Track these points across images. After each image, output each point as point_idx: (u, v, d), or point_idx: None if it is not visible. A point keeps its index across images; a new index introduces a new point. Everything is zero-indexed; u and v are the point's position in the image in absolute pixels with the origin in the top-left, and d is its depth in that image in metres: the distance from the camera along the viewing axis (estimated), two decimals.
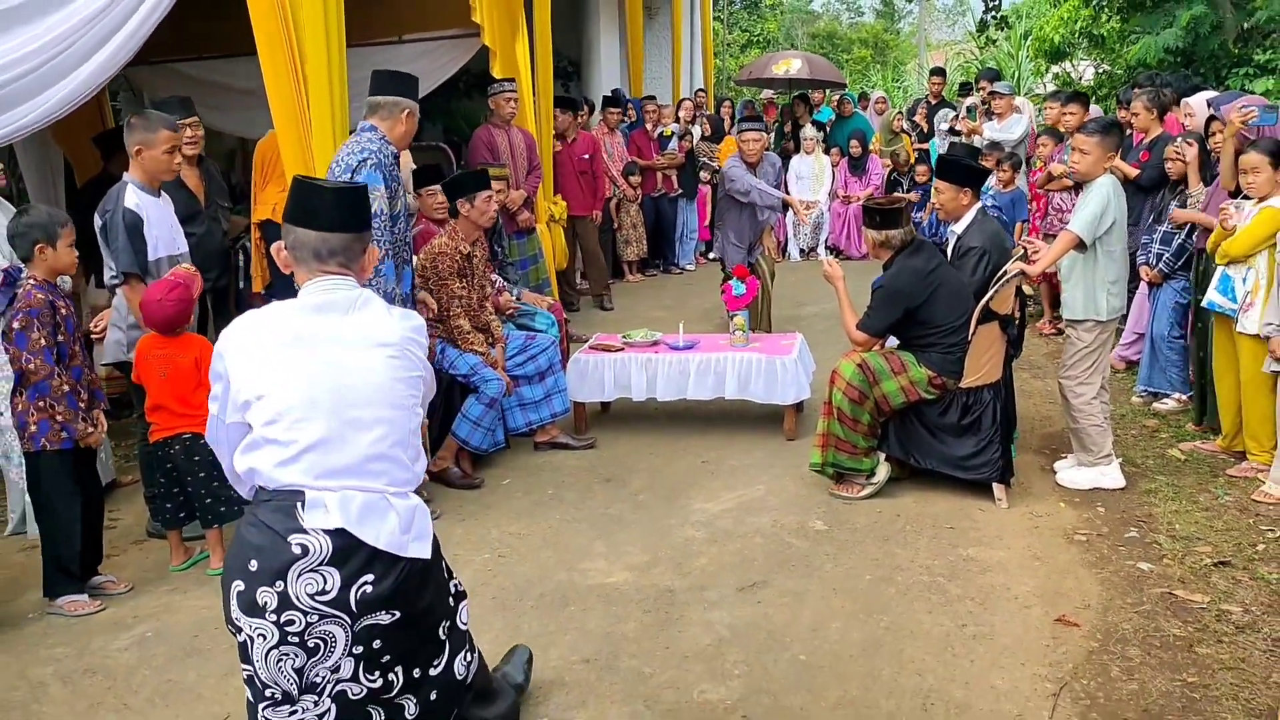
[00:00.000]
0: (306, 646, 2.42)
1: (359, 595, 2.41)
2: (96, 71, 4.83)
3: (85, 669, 3.65)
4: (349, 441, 2.45)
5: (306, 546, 2.37)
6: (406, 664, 2.60)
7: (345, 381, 2.47)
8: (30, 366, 3.91)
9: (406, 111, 4.56)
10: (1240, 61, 10.31)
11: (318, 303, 2.53)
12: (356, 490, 2.43)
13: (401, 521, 2.48)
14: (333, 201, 2.58)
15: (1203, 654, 3.47)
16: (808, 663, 3.50)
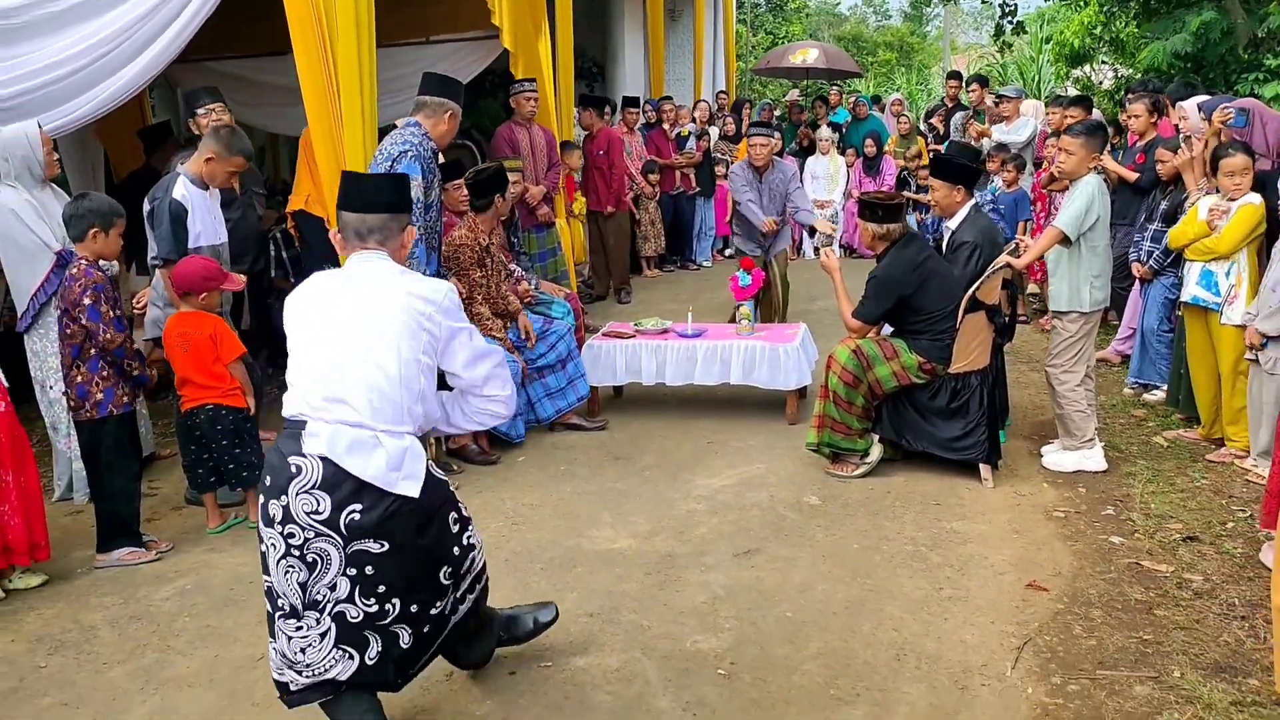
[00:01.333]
0: (306, 561, 2.74)
1: (348, 521, 2.71)
2: (144, 69, 5.19)
3: (131, 615, 3.99)
4: (348, 375, 2.76)
5: (301, 468, 2.71)
6: (404, 598, 2.85)
7: (360, 330, 2.79)
8: (108, 336, 4.28)
9: (449, 113, 4.99)
10: (1250, 66, 10.48)
11: (351, 270, 2.92)
12: (348, 426, 2.74)
13: (390, 459, 2.75)
14: (369, 187, 3.03)
15: (1160, 615, 3.74)
16: (794, 619, 3.80)
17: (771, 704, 3.27)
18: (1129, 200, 6.72)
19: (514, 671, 3.50)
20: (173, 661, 3.64)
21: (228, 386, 4.67)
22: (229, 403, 4.67)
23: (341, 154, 5.30)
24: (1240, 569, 4.08)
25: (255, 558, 4.36)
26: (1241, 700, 3.18)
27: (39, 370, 4.94)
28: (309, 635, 2.81)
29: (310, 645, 2.82)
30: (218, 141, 4.86)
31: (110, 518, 4.43)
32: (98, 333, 4.26)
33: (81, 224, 4.34)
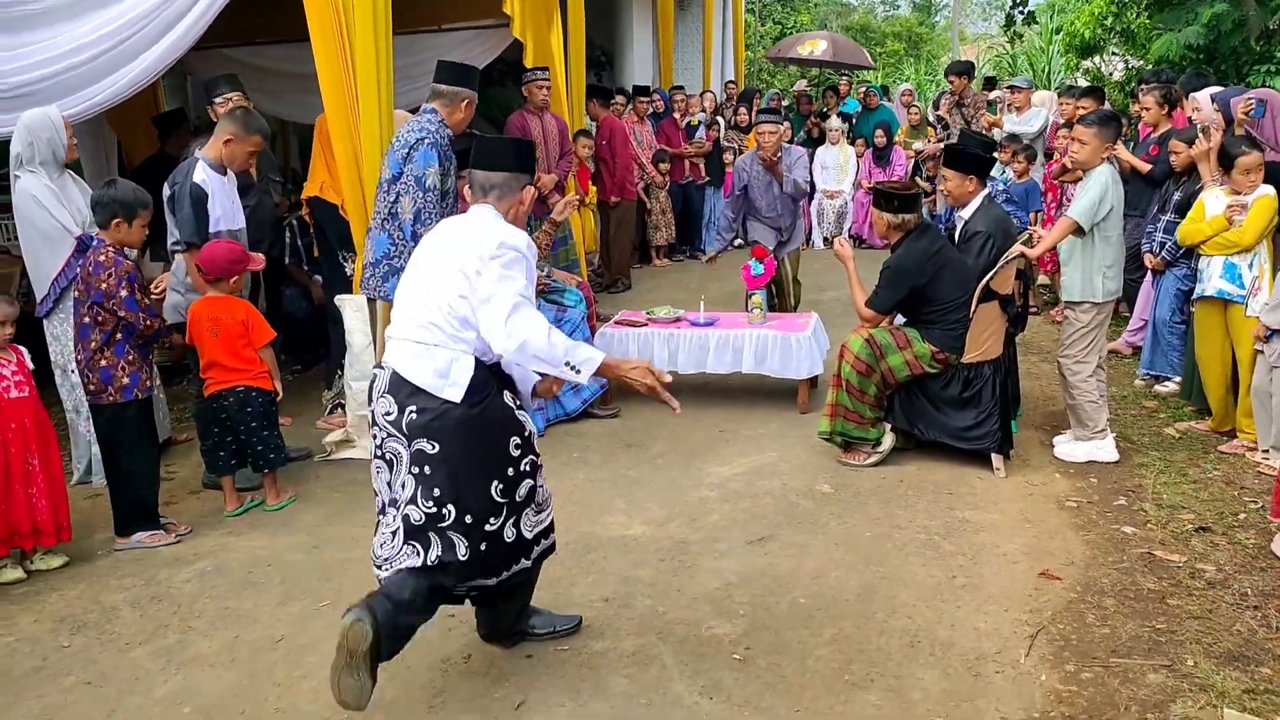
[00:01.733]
0: (385, 459, 3.17)
1: (408, 420, 3.09)
2: (162, 56, 5.22)
3: (152, 597, 4.03)
4: (417, 307, 3.16)
5: (378, 376, 3.20)
6: (458, 506, 3.11)
7: (435, 266, 3.17)
8: (148, 324, 4.35)
9: (466, 101, 5.00)
10: (1262, 58, 10.47)
11: (461, 219, 3.34)
12: (410, 341, 3.14)
13: (439, 369, 3.10)
14: (497, 148, 3.39)
15: (1173, 605, 3.77)
16: (807, 605, 3.83)
17: (787, 688, 3.30)
18: (1141, 191, 6.72)
19: (531, 655, 3.53)
20: (194, 642, 3.68)
21: (258, 370, 4.72)
22: (259, 385, 4.72)
23: (358, 141, 5.32)
24: (1253, 559, 4.11)
25: (272, 541, 4.47)
26: (1254, 688, 3.21)
27: (59, 355, 4.98)
28: (385, 532, 3.19)
29: (385, 541, 3.19)
30: (234, 122, 4.89)
31: (131, 502, 4.47)
32: (137, 323, 4.31)
33: (106, 212, 4.37)
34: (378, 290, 4.98)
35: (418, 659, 3.51)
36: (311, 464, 5.44)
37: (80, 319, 4.39)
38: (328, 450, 5.53)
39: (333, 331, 6.10)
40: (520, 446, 3.25)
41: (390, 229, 4.92)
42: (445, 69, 5.04)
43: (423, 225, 4.82)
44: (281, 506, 4.85)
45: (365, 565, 4.19)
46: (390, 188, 4.90)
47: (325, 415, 5.97)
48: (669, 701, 3.25)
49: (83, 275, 4.37)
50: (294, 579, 4.15)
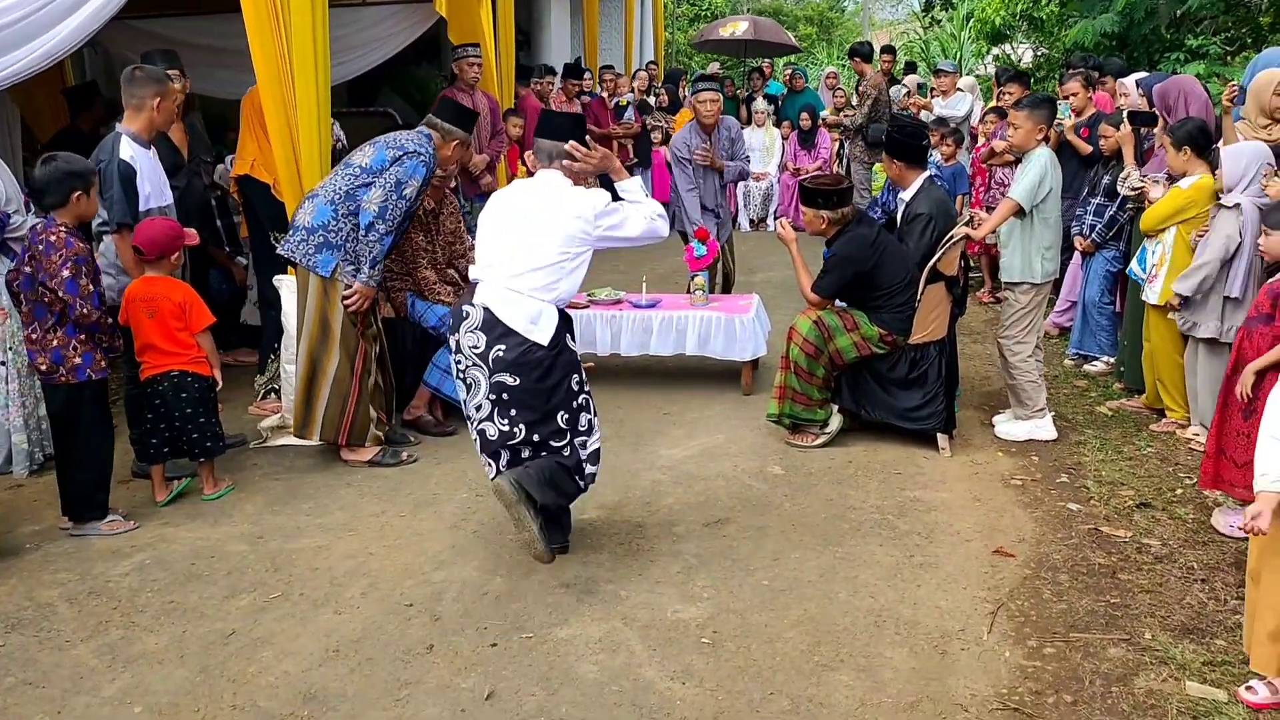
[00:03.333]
0: (466, 383, 3.79)
1: (494, 356, 3.68)
2: (83, 25, 4.94)
3: (90, 591, 3.84)
4: (514, 260, 3.72)
5: (469, 313, 3.74)
6: (529, 426, 3.74)
7: (521, 224, 3.75)
8: (84, 311, 4.09)
9: (457, 141, 5.07)
10: (1172, 46, 10.79)
11: (539, 181, 3.86)
12: (507, 289, 3.71)
13: (529, 314, 3.70)
14: (562, 121, 4.00)
15: (1124, 579, 3.85)
16: (770, 587, 3.82)
17: (758, 671, 3.29)
18: (1073, 173, 6.86)
19: (495, 643, 3.46)
20: (139, 638, 3.52)
21: (194, 354, 4.53)
22: (195, 370, 4.53)
23: (294, 117, 5.12)
24: (1194, 534, 4.23)
25: (213, 531, 4.31)
26: (1212, 660, 3.30)
27: None
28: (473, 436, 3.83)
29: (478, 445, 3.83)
30: (149, 82, 4.64)
31: (85, 486, 4.26)
32: (74, 306, 4.07)
33: (61, 189, 4.11)
34: (308, 259, 4.80)
35: (379, 651, 3.43)
36: (247, 451, 5.26)
37: (33, 299, 4.14)
38: (263, 436, 5.36)
39: (266, 314, 5.91)
40: (579, 384, 3.86)
41: (339, 205, 4.77)
42: (447, 107, 5.15)
43: (383, 222, 4.76)
44: (219, 495, 4.67)
45: (314, 554, 4.10)
46: (363, 174, 4.81)
47: (258, 401, 5.78)
48: (641, 688, 3.22)
49: (32, 254, 4.12)
50: (240, 570, 4.00)
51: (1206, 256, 4.81)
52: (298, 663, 3.36)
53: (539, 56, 12.59)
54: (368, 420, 4.98)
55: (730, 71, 15.43)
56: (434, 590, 3.82)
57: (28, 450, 4.92)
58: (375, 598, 3.77)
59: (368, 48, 8.25)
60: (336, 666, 3.34)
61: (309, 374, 4.89)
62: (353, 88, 9.96)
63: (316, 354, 4.87)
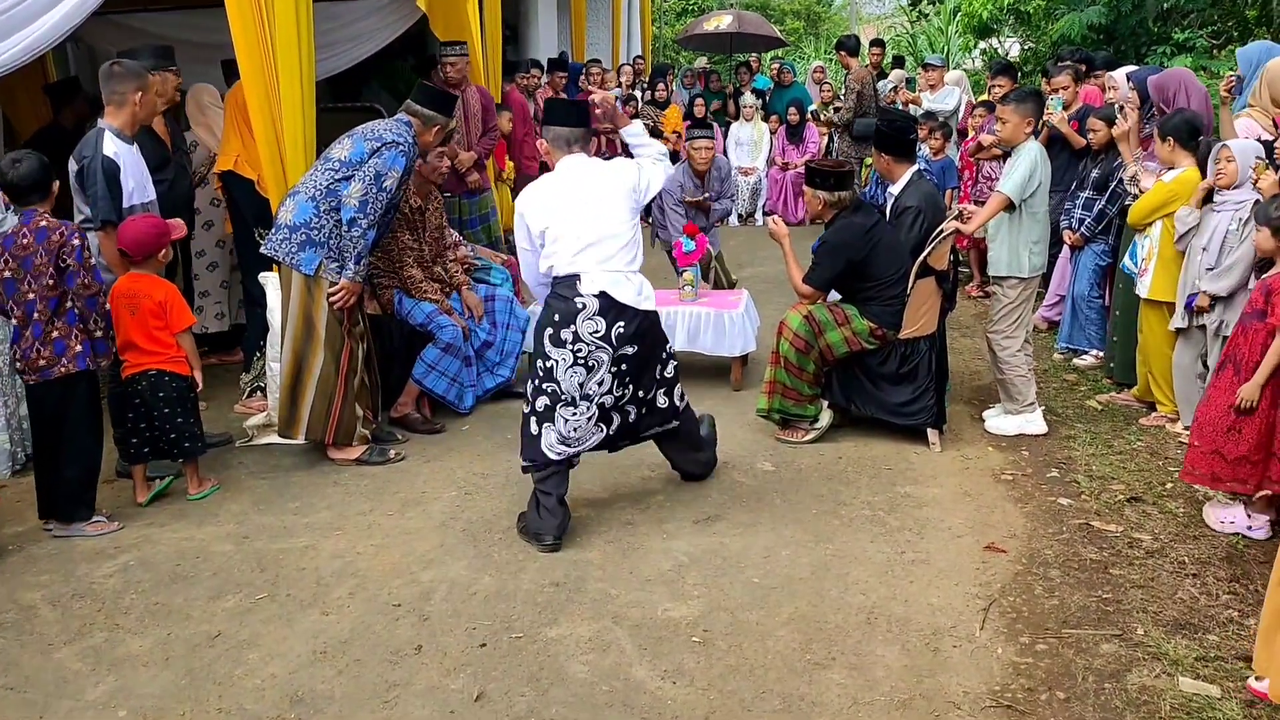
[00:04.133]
0: (587, 366, 4.02)
1: (616, 334, 4.02)
2: (64, 19, 4.86)
3: (73, 593, 3.80)
4: (605, 243, 4.03)
5: (585, 304, 3.99)
6: (635, 385, 4.18)
7: (593, 205, 4.06)
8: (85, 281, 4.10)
9: (437, 127, 5.04)
10: (1159, 39, 10.80)
11: (573, 167, 4.15)
12: (611, 271, 4.02)
13: (636, 289, 4.07)
14: (570, 109, 4.30)
15: (1116, 574, 3.84)
16: (761, 584, 3.80)
17: (750, 670, 3.27)
18: (1062, 167, 6.84)
19: (484, 643, 3.43)
20: (123, 640, 3.48)
21: (173, 353, 4.48)
22: (173, 369, 4.48)
23: (278, 112, 5.07)
24: (1185, 528, 4.22)
25: (198, 532, 4.26)
26: (1205, 655, 3.29)
27: None
28: (580, 418, 4.06)
29: (580, 424, 4.07)
30: (129, 77, 4.58)
31: (73, 483, 4.21)
32: (77, 273, 4.04)
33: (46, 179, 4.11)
34: (290, 256, 4.75)
35: (367, 652, 3.39)
36: (233, 450, 5.21)
37: (21, 295, 4.08)
38: (249, 435, 5.31)
39: (251, 312, 5.86)
40: (668, 342, 4.38)
41: (320, 201, 4.72)
42: (425, 92, 5.07)
43: (364, 216, 4.70)
44: (204, 495, 4.63)
45: (301, 554, 4.06)
46: (342, 168, 4.75)
47: (244, 399, 5.72)
48: (632, 687, 3.19)
49: (14, 251, 4.06)
50: (226, 571, 3.96)
51: (1240, 254, 4.68)
52: (285, 664, 3.33)
53: (526, 51, 12.51)
54: (354, 419, 4.93)
55: (718, 66, 15.38)
56: (422, 590, 3.78)
57: (9, 450, 4.87)
58: (363, 598, 3.74)
59: (352, 43, 8.17)
60: (324, 668, 3.31)
61: (293, 373, 4.84)
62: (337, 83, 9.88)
63: (301, 353, 4.82)
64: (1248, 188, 4.72)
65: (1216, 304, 4.80)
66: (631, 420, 4.25)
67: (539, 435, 4.09)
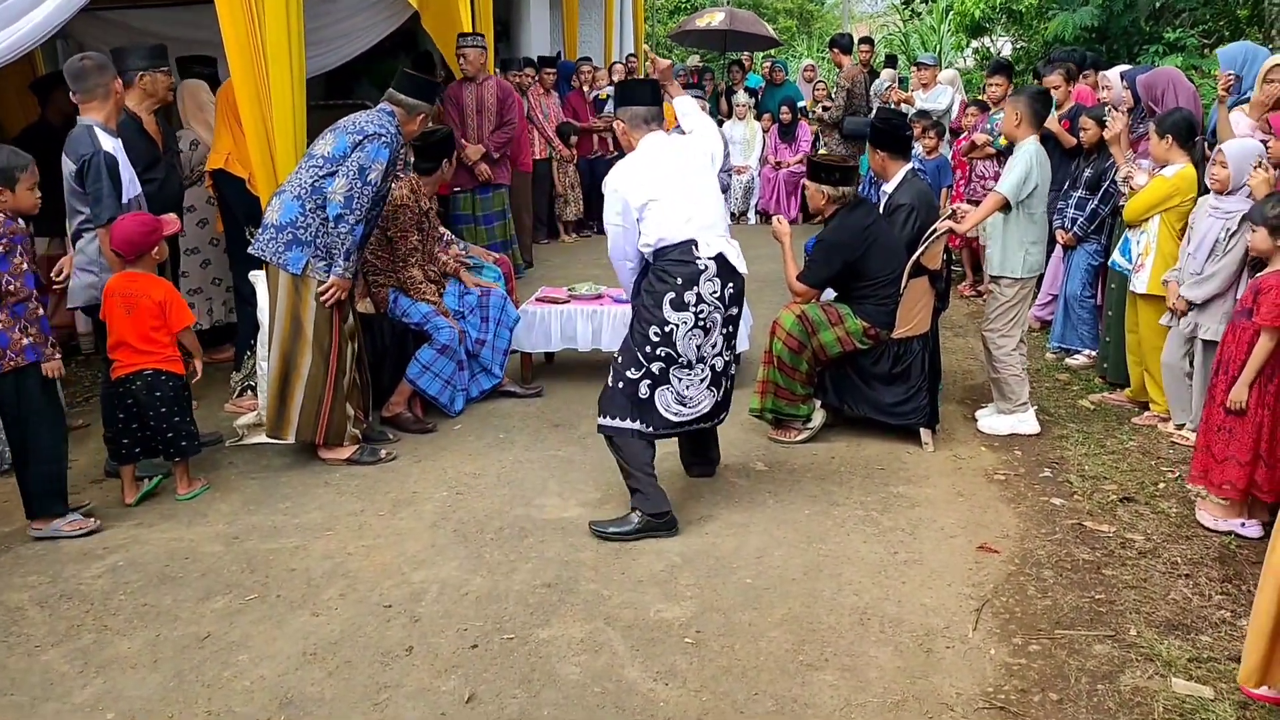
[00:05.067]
0: (705, 328, 4.10)
1: (728, 293, 4.15)
2: (51, 16, 4.84)
3: (61, 594, 3.77)
4: (706, 209, 4.16)
5: (706, 266, 4.08)
6: (728, 345, 4.27)
7: (694, 177, 4.21)
8: (11, 288, 3.95)
9: (422, 115, 4.96)
10: (1151, 39, 10.80)
11: (657, 144, 4.25)
12: (719, 236, 4.17)
13: (738, 252, 4.20)
14: (645, 88, 4.40)
15: (1109, 575, 3.83)
16: (754, 585, 3.78)
17: (742, 671, 3.25)
18: (1055, 167, 6.82)
19: (476, 645, 3.41)
20: (111, 642, 3.45)
21: (168, 353, 4.45)
22: (169, 369, 4.45)
23: (268, 111, 5.05)
24: (1178, 528, 4.21)
25: (187, 532, 4.23)
26: (1198, 657, 3.28)
27: None
28: (694, 379, 4.14)
29: (694, 386, 4.15)
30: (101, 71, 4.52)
31: (42, 479, 4.17)
32: (3, 281, 3.94)
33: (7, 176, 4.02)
34: (278, 256, 4.72)
35: (357, 653, 3.37)
36: (223, 449, 5.18)
37: None
38: (239, 435, 5.27)
39: (241, 311, 5.82)
40: None
41: (306, 200, 4.68)
42: (407, 80, 4.95)
43: (350, 212, 4.65)
44: (193, 495, 4.60)
45: (291, 555, 4.03)
46: (326, 164, 4.69)
47: (234, 398, 5.70)
48: (623, 689, 3.17)
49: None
50: (215, 572, 3.93)
51: (1223, 264, 4.67)
52: (274, 666, 3.30)
53: (518, 48, 12.48)
54: (344, 420, 4.90)
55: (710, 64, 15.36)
56: (413, 591, 3.76)
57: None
58: (353, 599, 3.71)
59: (344, 40, 8.13)
60: (314, 670, 3.28)
61: (282, 373, 4.81)
62: (330, 80, 9.85)
63: (289, 353, 4.79)
64: (1240, 196, 4.69)
65: (1192, 308, 4.79)
66: (728, 387, 4.34)
67: (651, 399, 4.10)
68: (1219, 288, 4.71)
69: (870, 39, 12.26)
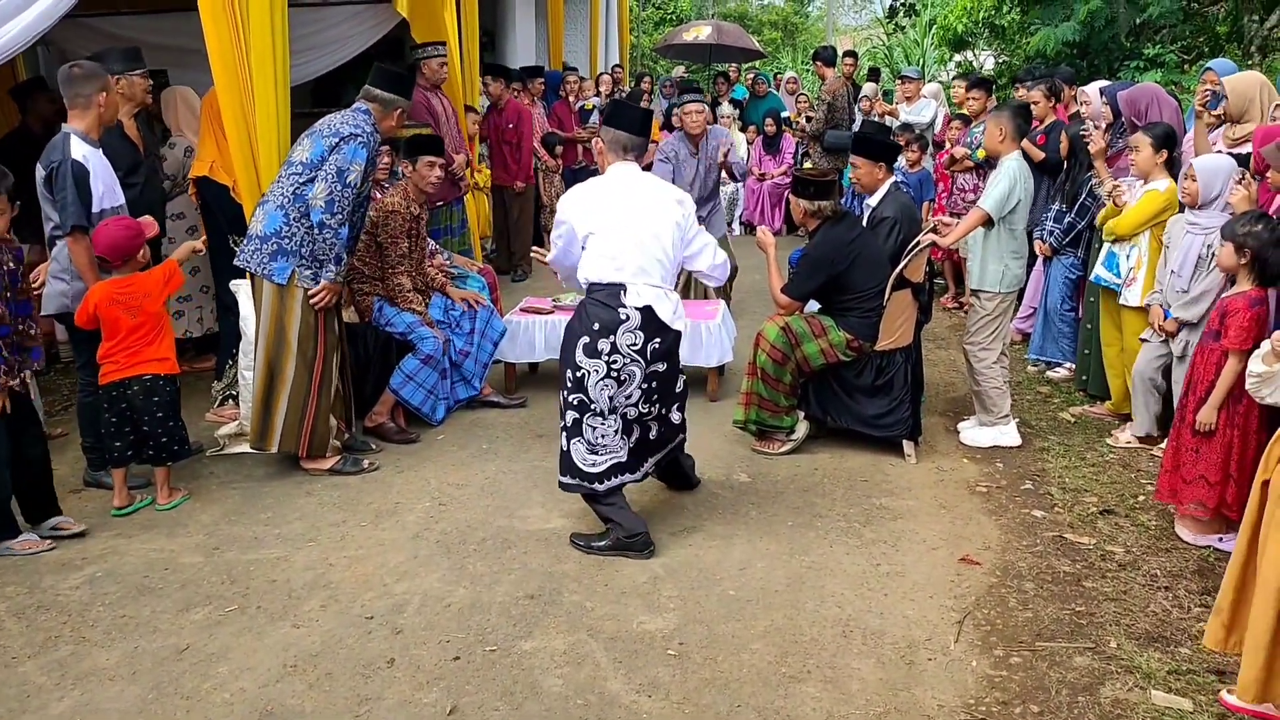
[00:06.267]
0: (619, 380, 3.95)
1: (651, 349, 3.97)
2: (34, 22, 4.82)
3: (38, 605, 3.73)
4: (642, 257, 3.96)
5: (629, 315, 3.91)
6: (661, 401, 4.12)
7: (642, 219, 4.00)
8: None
9: (399, 110, 4.90)
10: (1132, 55, 10.92)
11: (624, 176, 4.09)
12: (652, 286, 3.96)
13: (673, 307, 4.02)
14: (638, 116, 4.20)
15: (1089, 587, 3.85)
16: (737, 596, 3.79)
17: (725, 683, 3.25)
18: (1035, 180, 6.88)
19: (458, 657, 3.40)
20: (89, 654, 3.42)
21: (165, 356, 4.45)
22: (166, 371, 4.45)
23: (252, 119, 5.03)
24: (1157, 541, 4.24)
25: (167, 543, 4.21)
26: (1177, 669, 3.30)
27: None
28: (607, 430, 4.01)
29: (607, 436, 4.01)
30: (91, 79, 4.49)
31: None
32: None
33: None
34: (262, 267, 4.71)
35: (338, 665, 3.35)
36: (203, 459, 5.15)
37: None
38: (220, 444, 5.25)
39: (224, 320, 5.80)
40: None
41: (290, 209, 4.67)
42: (383, 75, 4.89)
43: (332, 216, 4.62)
44: (174, 505, 4.57)
45: (272, 566, 4.01)
46: (305, 170, 4.67)
47: (215, 408, 5.67)
48: (606, 701, 3.17)
49: None
50: (195, 583, 3.90)
51: (1211, 279, 4.64)
52: (254, 678, 3.28)
53: (503, 58, 12.50)
54: (327, 431, 4.88)
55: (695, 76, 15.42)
56: (395, 602, 3.74)
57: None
58: (335, 610, 3.69)
59: (329, 48, 8.13)
60: (294, 682, 3.26)
61: (266, 384, 4.78)
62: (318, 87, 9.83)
63: (274, 363, 4.77)
64: (1216, 210, 4.72)
65: (1183, 328, 4.81)
66: (653, 436, 4.17)
67: (568, 451, 4.05)
68: (1212, 304, 4.72)
69: (854, 52, 12.31)
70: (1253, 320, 3.98)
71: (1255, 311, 3.99)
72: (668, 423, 4.22)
